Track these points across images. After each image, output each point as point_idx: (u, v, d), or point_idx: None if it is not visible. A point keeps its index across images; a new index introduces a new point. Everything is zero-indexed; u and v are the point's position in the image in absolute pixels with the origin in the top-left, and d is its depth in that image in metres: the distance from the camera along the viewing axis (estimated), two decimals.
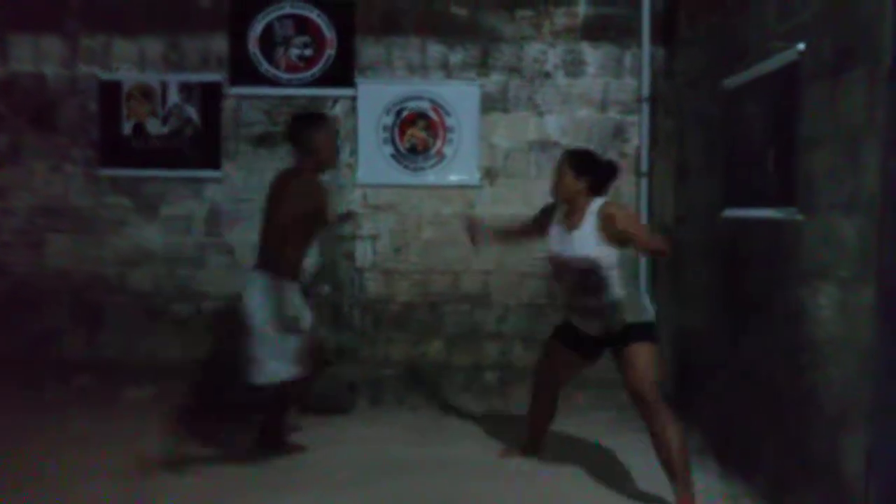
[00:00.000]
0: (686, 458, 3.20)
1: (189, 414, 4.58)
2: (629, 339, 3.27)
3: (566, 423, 4.37)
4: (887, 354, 2.53)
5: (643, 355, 3.24)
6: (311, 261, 4.69)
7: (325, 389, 4.70)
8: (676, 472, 3.18)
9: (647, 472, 3.57)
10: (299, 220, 3.60)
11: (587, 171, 3.37)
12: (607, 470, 3.73)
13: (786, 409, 3.22)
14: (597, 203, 3.32)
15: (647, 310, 3.37)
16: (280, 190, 3.71)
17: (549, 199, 4.90)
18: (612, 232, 3.20)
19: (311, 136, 3.72)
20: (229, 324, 4.34)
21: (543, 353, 3.77)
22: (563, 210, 3.46)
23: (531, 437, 3.89)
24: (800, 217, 3.07)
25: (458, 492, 3.46)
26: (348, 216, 4.70)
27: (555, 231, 3.47)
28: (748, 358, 3.67)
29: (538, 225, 3.65)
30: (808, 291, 3.02)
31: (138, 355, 4.95)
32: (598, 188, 3.39)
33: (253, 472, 3.67)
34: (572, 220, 3.37)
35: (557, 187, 3.43)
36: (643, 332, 3.29)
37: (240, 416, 4.53)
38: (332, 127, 3.84)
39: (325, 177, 4.01)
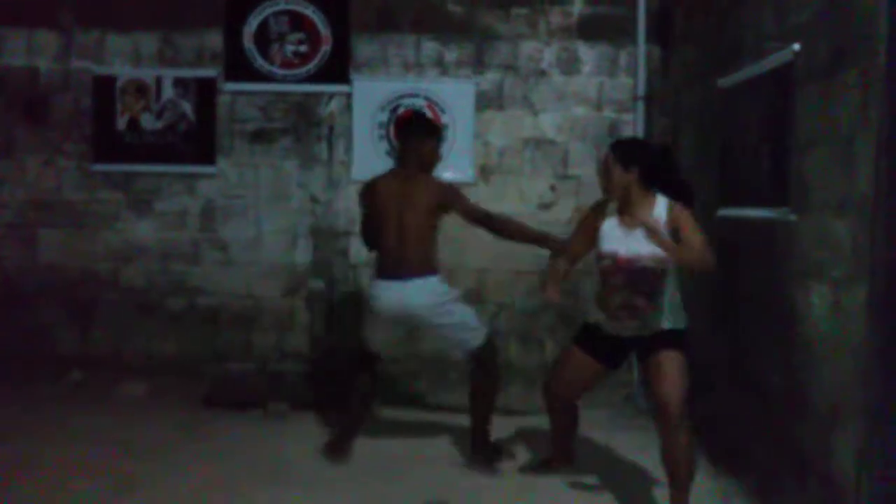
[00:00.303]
0: (691, 474, 3.07)
1: (181, 409, 4.58)
2: (662, 344, 3.08)
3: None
4: (879, 354, 2.55)
5: (675, 364, 3.05)
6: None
7: (317, 386, 4.71)
8: (679, 487, 3.07)
9: (640, 470, 3.58)
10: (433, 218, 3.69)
11: (635, 160, 3.14)
12: (600, 468, 3.74)
13: (778, 408, 3.23)
14: (662, 202, 3.13)
15: (684, 317, 3.20)
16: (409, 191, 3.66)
17: (544, 198, 4.96)
18: (678, 235, 3.04)
19: (424, 142, 3.72)
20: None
21: (559, 363, 3.53)
22: (615, 206, 3.23)
23: (558, 452, 3.67)
24: (793, 217, 3.08)
25: (451, 489, 3.47)
26: None
27: (610, 228, 3.22)
28: (740, 357, 3.68)
29: (588, 230, 3.37)
30: (801, 291, 3.03)
31: (132, 351, 4.94)
32: (650, 177, 3.16)
33: (245, 468, 3.66)
34: (632, 219, 3.11)
35: (607, 184, 3.21)
36: (676, 339, 3.11)
37: (233, 411, 4.53)
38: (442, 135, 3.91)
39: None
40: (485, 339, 3.73)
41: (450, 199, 3.67)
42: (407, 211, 3.61)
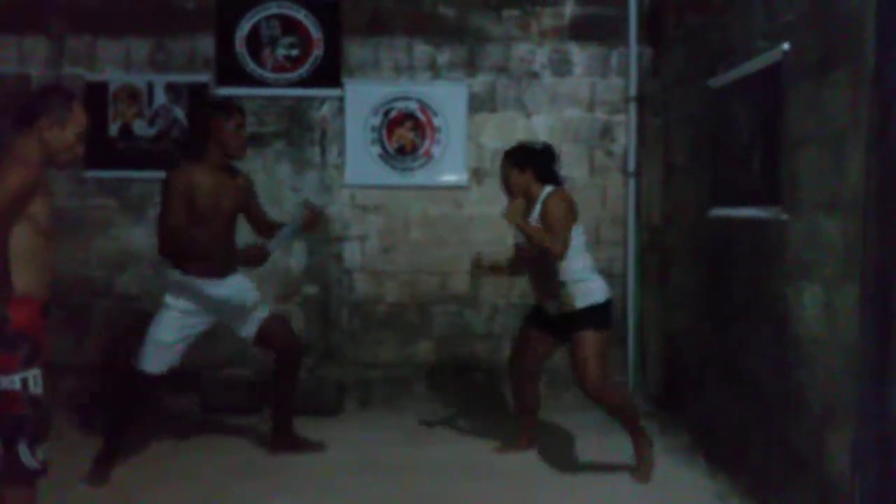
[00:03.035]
0: (634, 419, 3.57)
1: (177, 415, 4.57)
2: (575, 325, 3.50)
3: (554, 423, 4.39)
4: (871, 353, 2.55)
5: (584, 344, 3.46)
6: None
7: (313, 390, 4.70)
8: (629, 431, 3.57)
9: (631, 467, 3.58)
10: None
11: (527, 162, 3.64)
12: (595, 469, 3.74)
13: (772, 407, 3.24)
14: (545, 191, 3.60)
15: (596, 291, 3.55)
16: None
17: None
18: (545, 219, 3.51)
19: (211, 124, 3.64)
20: None
21: (515, 343, 3.99)
22: (524, 203, 3.63)
23: (523, 430, 3.99)
24: (784, 216, 3.09)
25: (447, 493, 3.47)
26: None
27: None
28: (735, 356, 3.69)
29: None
30: (793, 290, 3.04)
31: (126, 359, 4.91)
32: (544, 174, 3.65)
33: (241, 474, 3.66)
34: (529, 211, 3.59)
35: (510, 188, 3.68)
36: (586, 318, 3.50)
37: (228, 417, 4.53)
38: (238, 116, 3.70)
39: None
40: (139, 367, 3.64)
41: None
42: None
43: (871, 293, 2.54)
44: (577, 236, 3.55)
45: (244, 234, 3.95)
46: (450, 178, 4.96)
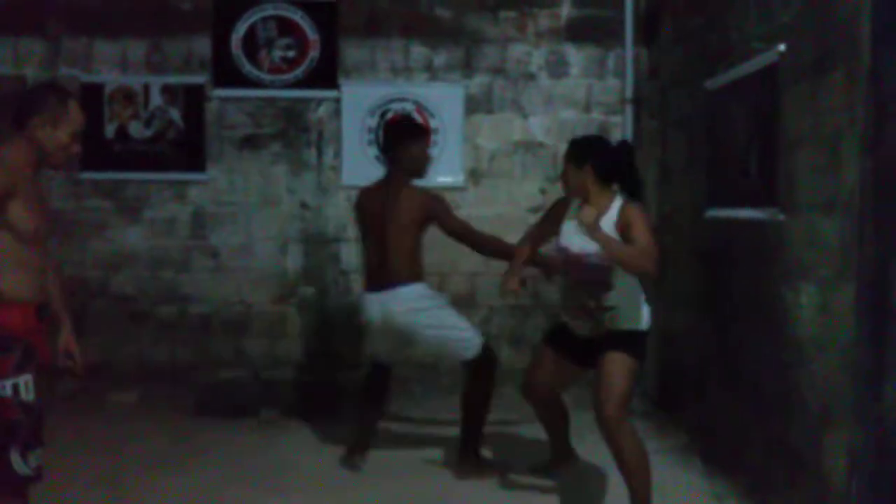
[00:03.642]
0: (646, 478, 2.99)
1: (173, 417, 4.56)
2: (610, 345, 3.02)
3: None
4: (868, 353, 2.56)
5: (617, 366, 2.98)
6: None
7: (309, 392, 4.70)
8: (634, 492, 3.00)
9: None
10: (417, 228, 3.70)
11: (587, 157, 3.09)
12: (591, 469, 3.74)
13: (769, 408, 3.24)
14: (618, 202, 3.06)
15: (639, 319, 3.10)
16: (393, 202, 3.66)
17: (534, 202, 4.96)
18: (626, 234, 2.96)
19: (407, 147, 3.70)
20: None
21: (532, 364, 3.48)
22: (578, 205, 3.16)
23: (556, 449, 3.69)
24: (781, 217, 3.10)
25: (444, 494, 3.47)
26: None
27: (568, 225, 3.18)
28: (732, 357, 3.69)
29: (554, 220, 3.35)
30: (790, 291, 3.04)
31: (122, 359, 4.92)
32: (607, 173, 3.10)
33: (238, 476, 3.65)
34: (596, 219, 2.99)
35: (565, 185, 3.21)
36: (625, 341, 3.03)
37: (224, 419, 4.52)
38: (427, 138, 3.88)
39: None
40: (479, 349, 3.70)
41: (434, 213, 3.68)
42: (389, 225, 3.62)
43: (868, 293, 2.55)
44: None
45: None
46: (447, 179, 4.96)
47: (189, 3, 4.91)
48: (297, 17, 4.90)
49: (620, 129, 4.96)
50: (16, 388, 2.40)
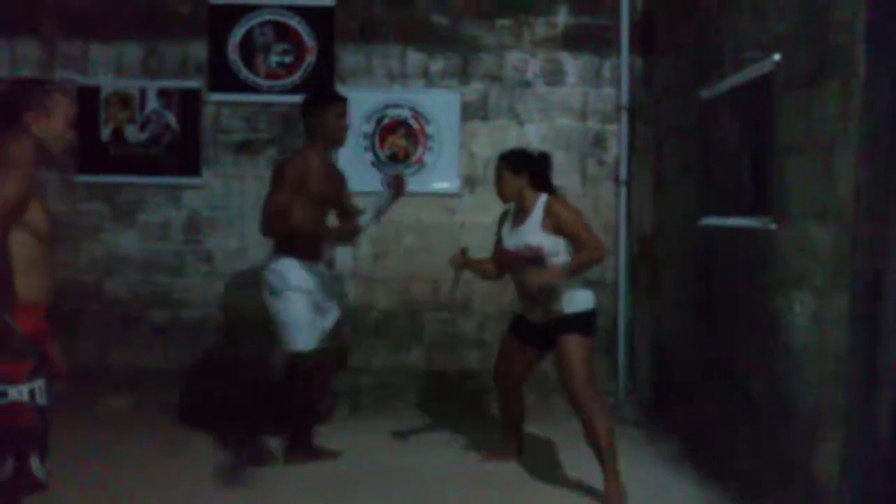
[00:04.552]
0: (612, 448, 3.37)
1: (166, 421, 4.54)
2: (563, 330, 3.44)
3: (543, 429, 4.39)
4: (861, 360, 2.57)
5: (570, 347, 3.41)
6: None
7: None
8: (604, 461, 3.36)
9: (623, 478, 3.57)
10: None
11: (523, 167, 3.60)
12: (584, 475, 3.73)
13: (761, 415, 3.25)
14: (543, 199, 3.55)
15: (583, 300, 3.51)
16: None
17: None
18: (558, 228, 3.45)
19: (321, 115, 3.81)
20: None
21: (499, 352, 3.92)
22: (513, 211, 3.69)
23: (510, 438, 3.97)
24: (774, 226, 3.11)
25: (437, 500, 3.46)
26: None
27: (505, 229, 3.72)
28: (724, 364, 3.70)
29: (499, 235, 3.81)
30: (783, 299, 3.06)
31: (115, 363, 4.90)
32: (539, 181, 3.61)
33: (231, 482, 3.64)
34: (520, 217, 3.59)
35: (502, 190, 3.65)
36: (575, 323, 3.45)
37: (219, 423, 4.50)
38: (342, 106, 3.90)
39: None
40: (296, 350, 3.69)
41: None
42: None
43: (860, 302, 2.56)
44: (569, 245, 3.49)
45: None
46: (442, 185, 4.97)
47: (186, 7, 4.91)
48: (294, 22, 4.91)
49: (616, 137, 4.98)
50: (32, 393, 2.38)
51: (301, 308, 3.73)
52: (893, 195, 2.46)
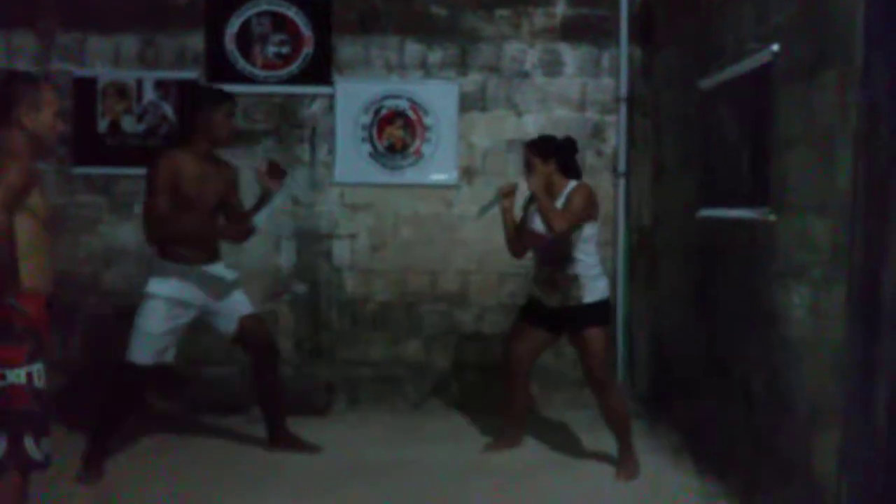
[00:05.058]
0: (628, 424, 3.67)
1: (164, 413, 4.54)
2: (583, 320, 3.58)
3: (545, 421, 4.39)
4: (859, 354, 2.56)
5: (595, 339, 3.57)
6: None
7: (301, 390, 4.69)
8: (621, 435, 3.64)
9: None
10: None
11: (551, 153, 3.68)
12: (585, 468, 3.74)
13: (760, 408, 3.24)
14: (571, 184, 3.66)
15: (604, 287, 3.66)
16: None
17: (525, 199, 4.95)
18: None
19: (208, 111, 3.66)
20: None
21: (511, 337, 3.95)
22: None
23: (513, 424, 4.00)
24: (773, 217, 3.09)
25: (437, 492, 3.46)
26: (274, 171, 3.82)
27: (533, 213, 3.74)
28: (723, 357, 3.69)
29: (525, 216, 3.89)
30: (782, 291, 3.04)
31: (113, 355, 4.88)
32: (567, 166, 3.71)
33: (227, 473, 3.64)
34: (552, 202, 3.61)
35: (531, 176, 3.65)
36: (593, 313, 3.59)
37: (215, 415, 4.51)
38: (229, 105, 3.73)
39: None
40: (130, 359, 3.60)
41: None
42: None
43: (859, 294, 2.55)
44: (594, 233, 3.63)
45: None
46: (440, 176, 4.95)
47: None
48: (291, 13, 4.88)
49: (614, 128, 4.96)
50: (29, 376, 2.50)
51: (153, 319, 3.59)
52: (892, 187, 2.44)
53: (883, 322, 2.49)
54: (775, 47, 3.09)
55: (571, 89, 4.97)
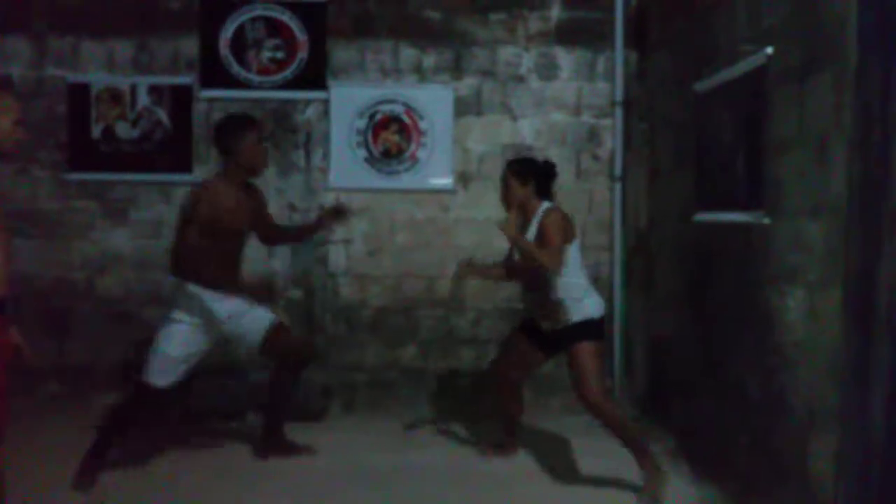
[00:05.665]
0: (637, 440, 3.46)
1: (159, 419, 4.52)
2: (572, 337, 3.47)
3: (540, 428, 4.38)
4: (854, 357, 2.54)
5: (582, 356, 3.43)
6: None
7: (297, 395, 4.66)
8: (634, 448, 3.44)
9: (621, 474, 3.56)
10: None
11: (529, 175, 3.60)
12: (581, 473, 3.72)
13: (756, 412, 3.23)
14: (543, 207, 3.57)
15: (592, 306, 3.52)
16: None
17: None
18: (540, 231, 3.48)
19: (237, 140, 3.63)
20: None
21: (501, 350, 3.93)
22: (520, 219, 3.60)
23: (506, 435, 3.98)
24: (767, 220, 3.09)
25: (432, 498, 3.44)
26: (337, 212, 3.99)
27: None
28: (719, 361, 3.68)
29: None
30: (777, 294, 3.03)
31: (107, 361, 4.88)
32: (544, 189, 3.63)
33: (224, 479, 3.62)
34: (525, 227, 3.57)
35: (508, 198, 3.63)
36: (584, 330, 3.47)
37: (211, 421, 4.49)
38: (259, 130, 3.76)
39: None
40: (148, 380, 3.57)
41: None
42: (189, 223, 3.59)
43: (854, 297, 2.54)
44: (574, 254, 3.51)
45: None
46: (435, 181, 4.94)
47: (177, 2, 4.88)
48: (286, 17, 4.87)
49: (610, 131, 4.95)
50: None
51: (174, 343, 3.56)
52: (886, 189, 2.44)
53: (878, 324, 2.48)
54: (769, 50, 3.09)
55: (567, 93, 4.97)
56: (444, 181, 4.94)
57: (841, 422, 2.58)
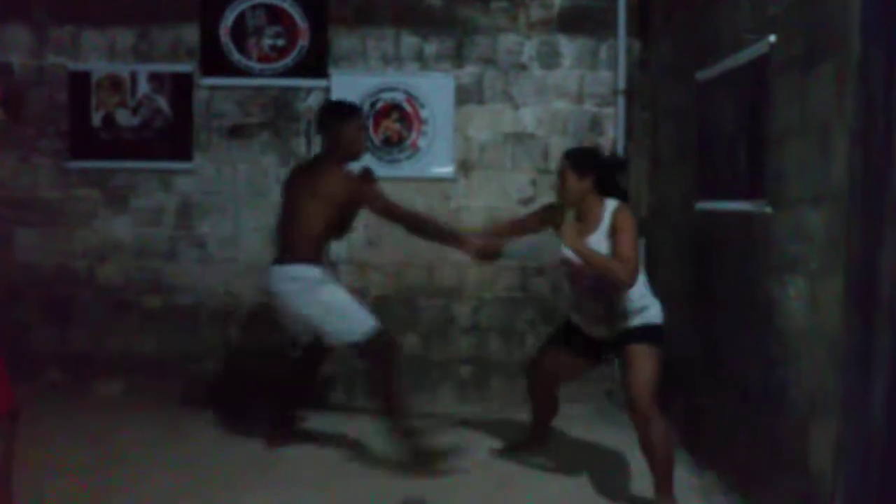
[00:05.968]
0: (668, 459, 3.13)
1: (159, 408, 4.53)
2: (632, 339, 3.18)
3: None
4: (856, 347, 2.54)
5: (642, 356, 3.13)
6: None
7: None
8: (658, 479, 3.13)
9: (624, 466, 3.57)
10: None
11: (589, 168, 3.26)
12: (584, 464, 3.72)
13: (756, 402, 3.23)
14: (611, 206, 3.21)
15: (653, 314, 3.26)
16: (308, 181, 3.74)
17: (525, 193, 4.94)
18: (612, 234, 3.14)
19: (338, 127, 3.76)
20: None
21: (541, 352, 3.67)
22: (574, 214, 3.30)
23: (534, 436, 3.85)
24: (769, 209, 3.07)
25: (433, 488, 3.45)
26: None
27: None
28: (720, 351, 3.68)
29: (537, 221, 3.61)
30: (778, 284, 3.03)
31: (108, 349, 4.89)
32: (604, 186, 3.28)
33: (223, 469, 3.63)
34: (587, 225, 3.22)
35: (563, 192, 3.30)
36: (646, 333, 3.19)
37: (211, 410, 4.50)
38: (360, 117, 3.92)
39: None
40: (369, 332, 3.63)
41: (354, 193, 3.73)
42: (302, 200, 3.70)
43: (856, 286, 2.53)
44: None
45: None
46: (437, 169, 4.93)
47: None
48: (287, 5, 4.85)
49: (612, 120, 4.93)
50: None
51: (338, 293, 3.70)
52: (887, 178, 2.42)
53: (880, 314, 2.47)
54: (772, 38, 3.06)
55: (569, 82, 4.94)
56: (446, 170, 4.93)
57: (842, 411, 2.58)
